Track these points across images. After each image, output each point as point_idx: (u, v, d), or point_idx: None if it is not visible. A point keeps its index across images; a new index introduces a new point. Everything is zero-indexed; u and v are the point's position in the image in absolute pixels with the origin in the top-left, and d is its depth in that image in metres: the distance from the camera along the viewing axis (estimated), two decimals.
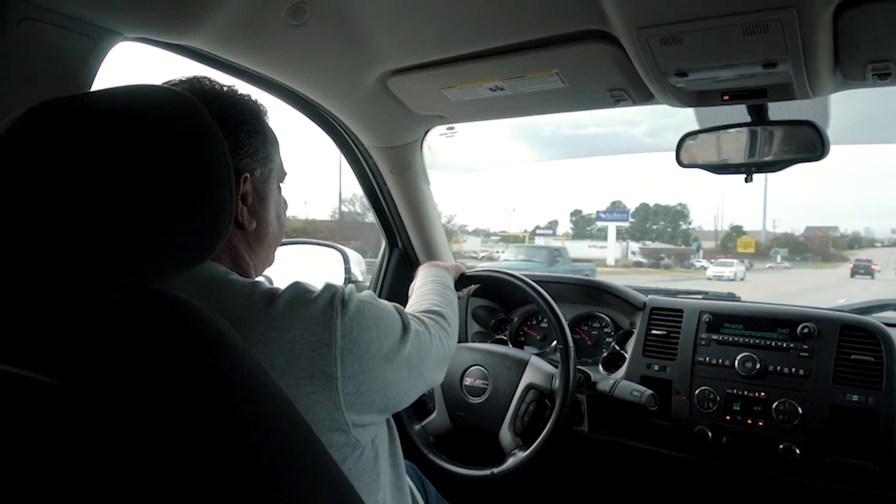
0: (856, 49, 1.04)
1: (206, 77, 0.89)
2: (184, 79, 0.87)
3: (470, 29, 1.19)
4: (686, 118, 1.44)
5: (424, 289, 1.21)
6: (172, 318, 0.53)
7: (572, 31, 1.14)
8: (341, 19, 1.17)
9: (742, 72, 1.14)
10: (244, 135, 0.86)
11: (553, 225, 53.80)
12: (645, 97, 1.31)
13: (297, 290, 0.81)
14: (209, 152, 0.57)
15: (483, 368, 1.55)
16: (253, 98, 0.91)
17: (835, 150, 1.26)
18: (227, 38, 1.15)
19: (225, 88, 0.89)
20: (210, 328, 0.55)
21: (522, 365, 1.52)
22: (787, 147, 1.29)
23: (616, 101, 1.35)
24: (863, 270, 27.95)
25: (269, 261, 0.97)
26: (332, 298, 0.80)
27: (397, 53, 1.31)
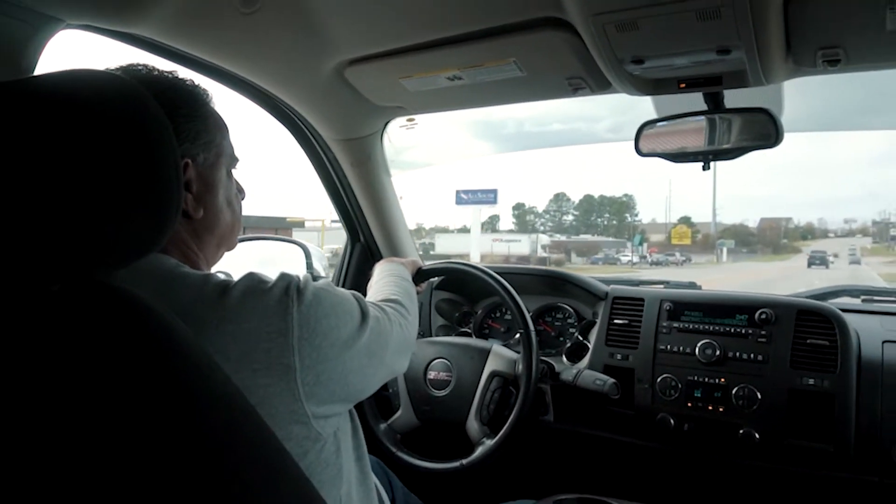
0: (806, 35, 1.06)
1: (140, 63, 0.86)
2: (119, 66, 0.85)
3: (426, 17, 1.17)
4: (646, 113, 1.45)
5: (382, 282, 1.20)
6: (116, 312, 0.51)
7: (529, 19, 1.13)
8: (295, 7, 1.14)
9: (697, 59, 1.15)
10: (181, 118, 0.83)
11: (495, 219, 53.06)
12: (602, 85, 1.31)
13: (252, 280, 0.79)
14: (153, 137, 0.55)
15: (446, 361, 1.54)
16: (192, 82, 0.89)
17: (790, 139, 1.28)
18: (177, 25, 1.11)
19: (161, 73, 0.87)
20: (157, 322, 0.53)
21: (485, 353, 1.51)
22: (742, 135, 1.31)
23: (574, 90, 1.35)
24: (818, 261, 28.77)
25: (220, 252, 0.95)
26: (288, 287, 0.79)
27: (354, 42, 1.28)
